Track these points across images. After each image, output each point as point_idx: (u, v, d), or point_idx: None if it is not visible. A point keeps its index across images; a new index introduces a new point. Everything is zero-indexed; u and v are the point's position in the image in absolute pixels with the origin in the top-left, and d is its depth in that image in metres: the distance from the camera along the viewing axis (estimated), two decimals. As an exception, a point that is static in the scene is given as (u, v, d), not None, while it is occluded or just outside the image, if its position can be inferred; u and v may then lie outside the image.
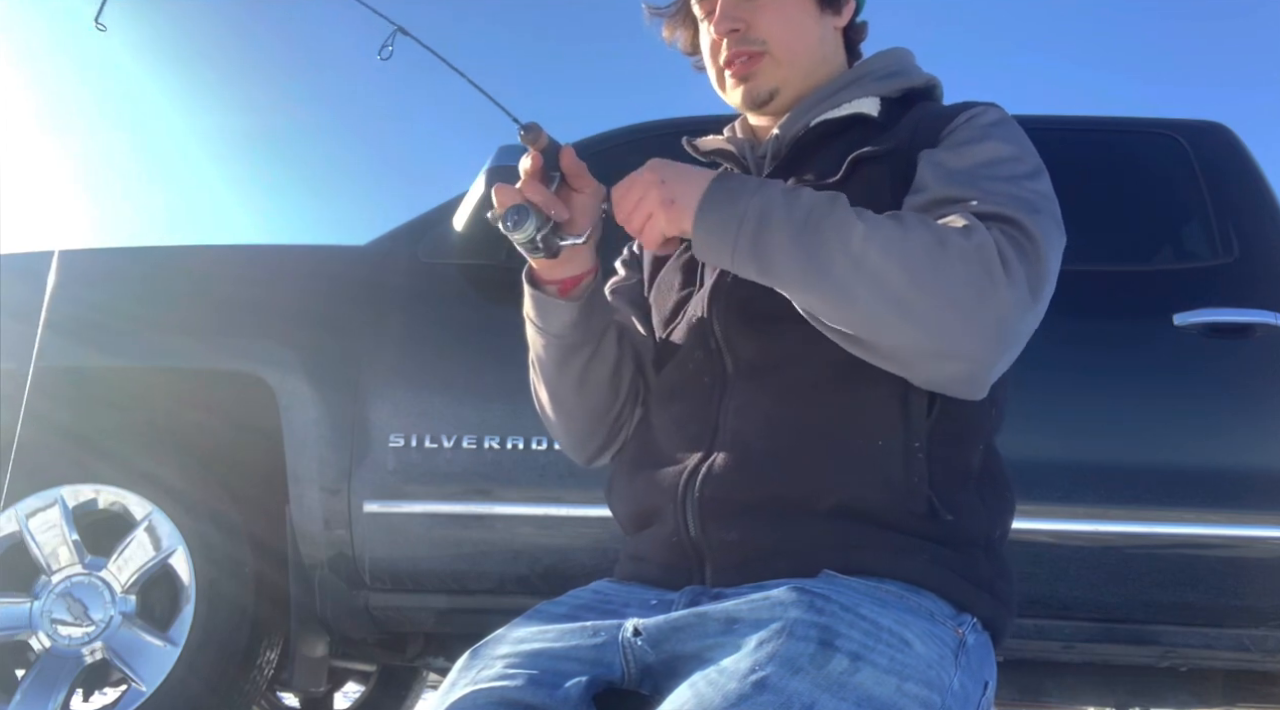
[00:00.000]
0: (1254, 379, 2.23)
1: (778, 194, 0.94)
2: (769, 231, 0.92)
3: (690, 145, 1.23)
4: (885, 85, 1.14)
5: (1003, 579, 1.02)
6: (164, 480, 2.40)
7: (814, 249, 0.91)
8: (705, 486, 0.99)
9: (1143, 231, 2.56)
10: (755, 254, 0.93)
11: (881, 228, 0.91)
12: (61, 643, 2.34)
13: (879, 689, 0.83)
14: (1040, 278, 0.93)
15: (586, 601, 1.03)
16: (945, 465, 0.98)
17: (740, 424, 1.01)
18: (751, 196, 0.94)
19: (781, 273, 0.93)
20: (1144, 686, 2.42)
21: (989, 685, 0.96)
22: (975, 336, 0.90)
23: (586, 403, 1.16)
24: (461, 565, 2.28)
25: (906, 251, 0.89)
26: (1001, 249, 0.90)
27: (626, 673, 0.93)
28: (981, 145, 1.02)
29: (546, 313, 1.12)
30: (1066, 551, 2.18)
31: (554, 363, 1.15)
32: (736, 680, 0.81)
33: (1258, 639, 2.15)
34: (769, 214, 0.93)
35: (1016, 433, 2.22)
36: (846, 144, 1.08)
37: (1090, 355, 2.27)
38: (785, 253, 0.92)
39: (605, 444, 1.19)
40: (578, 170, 1.05)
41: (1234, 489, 2.16)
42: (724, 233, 0.94)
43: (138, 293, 2.51)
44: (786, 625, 0.86)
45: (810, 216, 0.92)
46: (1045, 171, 1.03)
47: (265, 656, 2.44)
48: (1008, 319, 0.90)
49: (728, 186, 0.96)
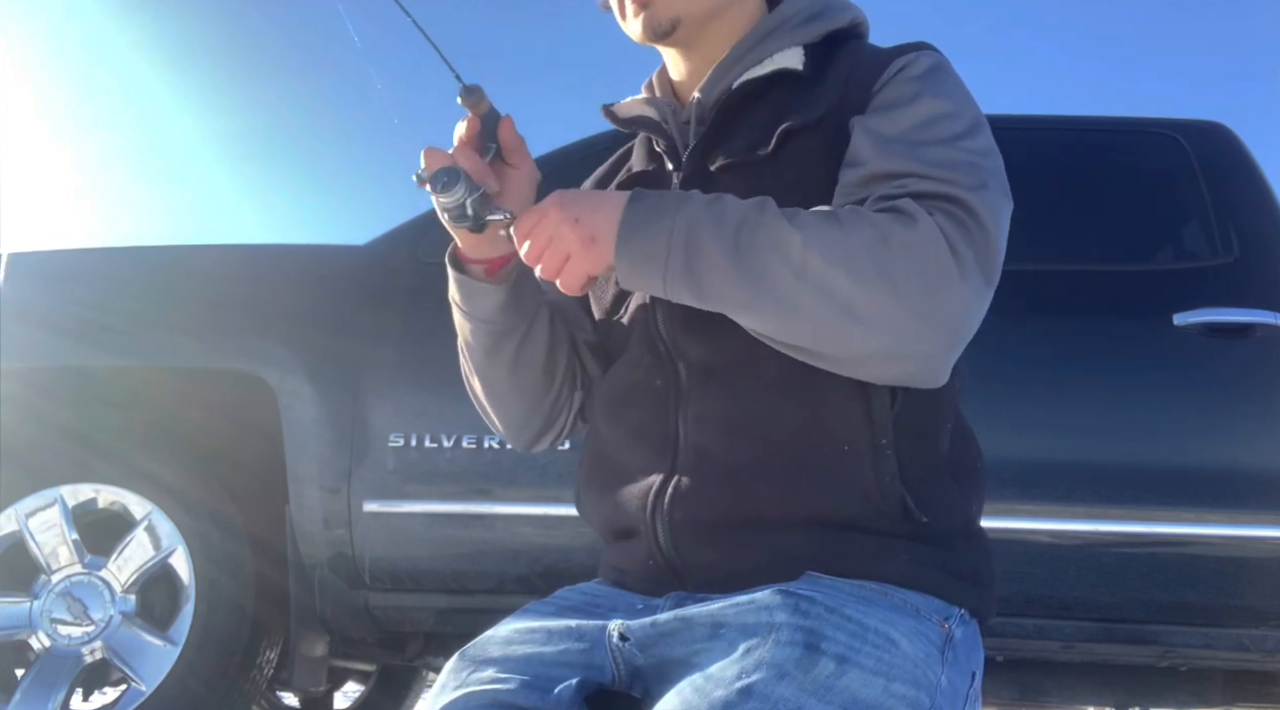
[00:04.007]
0: (1254, 379, 2.23)
1: (701, 211, 0.88)
2: (700, 255, 0.86)
3: (608, 113, 1.13)
4: (808, 31, 1.06)
5: (984, 562, 1.00)
6: (164, 480, 2.40)
7: (751, 266, 0.85)
8: (674, 509, 0.96)
9: (1143, 231, 2.56)
10: (689, 280, 0.87)
11: (820, 232, 0.85)
12: (61, 642, 2.34)
13: (866, 691, 0.82)
14: (991, 264, 0.89)
15: (575, 603, 1.03)
16: (915, 457, 0.95)
17: (700, 436, 0.97)
18: (675, 217, 0.88)
19: (720, 296, 0.88)
20: (1144, 686, 2.42)
21: (976, 675, 0.95)
22: (930, 336, 0.86)
23: (520, 388, 1.12)
24: (461, 565, 2.28)
25: (850, 256, 0.84)
26: (950, 238, 0.85)
27: (617, 675, 0.93)
28: (915, 105, 0.95)
29: (473, 297, 1.07)
30: (1066, 551, 2.18)
31: (484, 349, 1.10)
32: (723, 688, 0.81)
33: (1258, 639, 2.15)
34: (696, 236, 0.86)
35: (1017, 433, 2.26)
36: (773, 105, 1.02)
37: (1090, 355, 2.27)
38: (721, 274, 0.86)
39: (543, 429, 1.16)
40: (515, 144, 0.99)
41: (1234, 489, 2.16)
42: (651, 263, 0.87)
43: (137, 292, 2.51)
44: (772, 630, 0.85)
45: (741, 231, 0.86)
46: (984, 123, 0.97)
47: (265, 656, 2.44)
48: (962, 314, 0.86)
49: (647, 209, 0.89)
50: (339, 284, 2.49)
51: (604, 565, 1.09)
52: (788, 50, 1.04)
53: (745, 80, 1.03)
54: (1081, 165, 2.63)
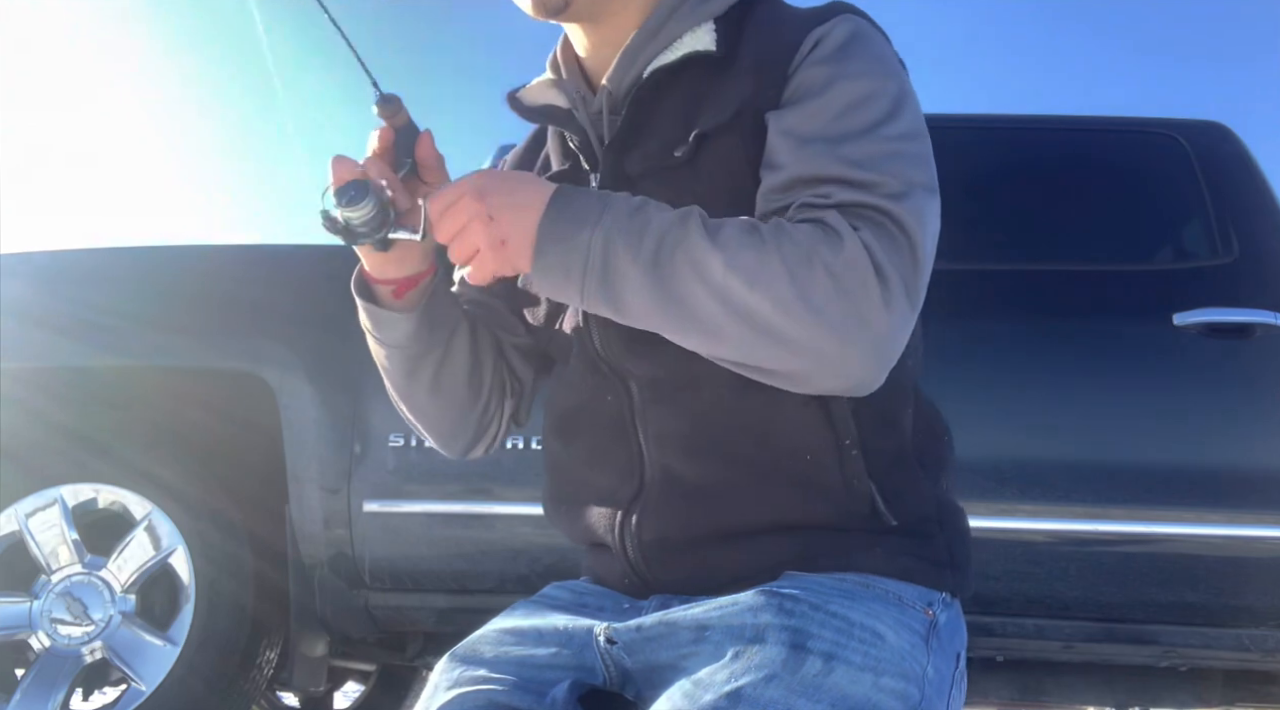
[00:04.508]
0: (1254, 379, 2.23)
1: (623, 222, 0.83)
2: (617, 273, 0.82)
3: (514, 102, 1.06)
4: (719, 4, 0.98)
5: (959, 541, 0.98)
6: (164, 480, 2.40)
7: (671, 288, 0.81)
8: (643, 530, 0.95)
9: (1143, 231, 2.56)
10: (606, 297, 0.83)
11: (742, 252, 0.81)
12: (61, 642, 2.34)
13: (854, 687, 0.82)
14: (918, 282, 0.84)
15: (564, 602, 1.02)
16: (880, 449, 0.93)
17: (663, 454, 0.95)
18: (594, 229, 0.83)
19: (639, 315, 0.84)
20: (1144, 686, 2.42)
21: (960, 656, 0.95)
22: (857, 361, 0.82)
23: (444, 405, 1.08)
24: (461, 565, 2.28)
25: (774, 280, 0.80)
26: (876, 259, 0.81)
27: (608, 677, 0.93)
28: (830, 93, 0.89)
29: (383, 325, 1.01)
30: (1066, 551, 2.18)
31: (401, 373, 1.06)
32: (712, 692, 0.80)
33: (1258, 639, 2.15)
34: (614, 253, 0.82)
35: (1017, 432, 2.25)
36: (688, 92, 0.96)
37: (1090, 355, 2.27)
38: (638, 294, 0.82)
39: (475, 439, 1.12)
40: (433, 161, 0.93)
41: (1234, 489, 2.16)
42: (567, 276, 0.83)
43: (137, 292, 2.51)
44: (758, 631, 0.85)
45: (661, 249, 0.82)
46: (906, 95, 0.91)
47: (265, 656, 2.44)
48: (888, 339, 0.82)
49: (567, 218, 0.84)
50: (339, 284, 2.49)
51: (586, 566, 1.09)
52: (697, 29, 0.97)
53: (656, 68, 0.97)
54: (1082, 165, 2.63)
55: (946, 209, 0.93)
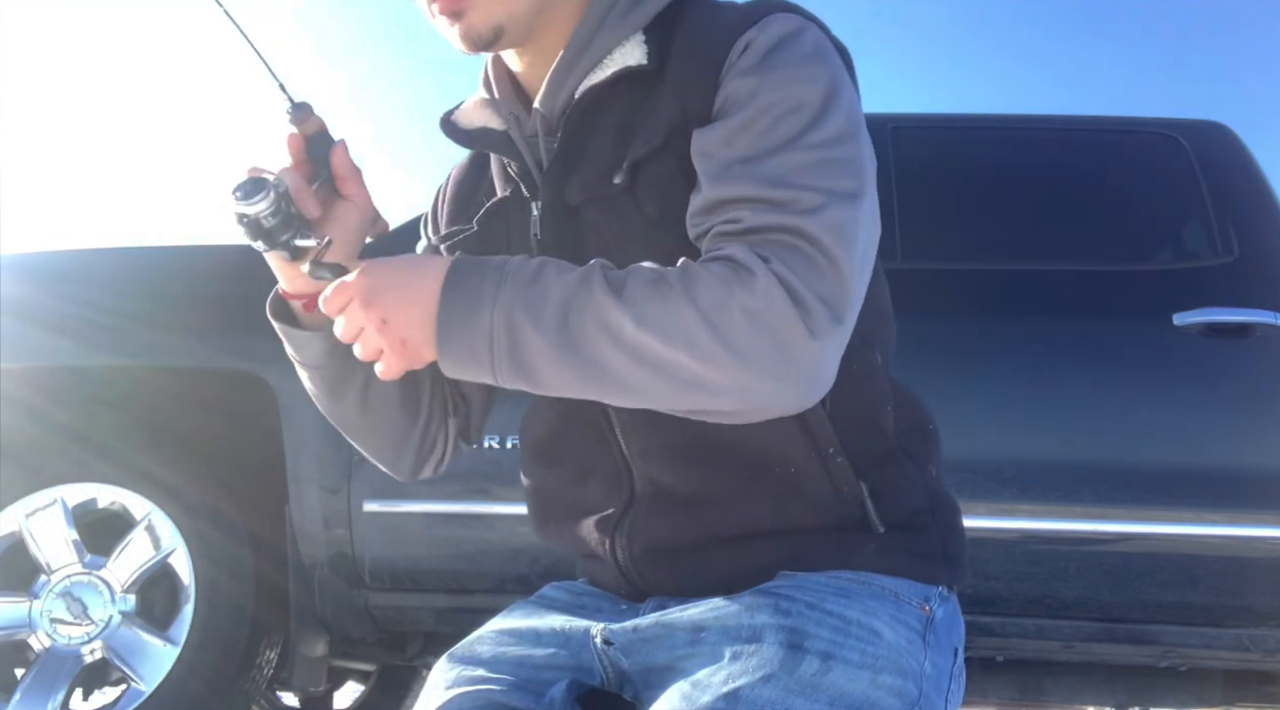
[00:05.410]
0: (1254, 379, 2.23)
1: (522, 291, 0.79)
2: (526, 348, 0.78)
3: (448, 127, 1.02)
4: (642, 11, 0.94)
5: (951, 532, 0.97)
6: (164, 480, 2.40)
7: (585, 356, 0.78)
8: (633, 541, 0.95)
9: (1143, 231, 2.56)
10: (520, 374, 0.80)
11: (652, 306, 0.77)
12: (61, 642, 2.33)
13: (852, 686, 0.82)
14: (844, 301, 0.80)
15: (561, 602, 1.02)
16: (865, 449, 0.92)
17: (648, 468, 0.94)
18: (493, 309, 0.78)
19: (557, 385, 0.80)
20: (1144, 686, 2.42)
21: (958, 650, 0.94)
22: (790, 395, 0.80)
23: (378, 428, 1.05)
24: (461, 565, 2.28)
25: (690, 332, 0.76)
26: (793, 289, 0.77)
27: (606, 678, 0.93)
28: (752, 106, 0.84)
29: (297, 344, 0.98)
30: (1066, 551, 2.18)
31: (325, 395, 1.02)
32: (709, 694, 0.80)
33: (1258, 639, 2.15)
34: (518, 327, 0.78)
35: (1017, 433, 2.25)
36: (623, 111, 0.92)
37: (1090, 355, 2.27)
38: (552, 366, 0.79)
39: (419, 461, 1.09)
40: (347, 172, 0.91)
41: (1234, 489, 2.16)
42: (476, 362, 0.80)
43: (137, 292, 2.51)
44: (755, 631, 0.85)
45: (567, 317, 0.78)
46: (835, 98, 0.85)
47: (265, 656, 2.44)
48: (817, 367, 0.79)
49: (461, 303, 0.79)
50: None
51: (582, 569, 1.08)
52: (627, 43, 0.93)
53: (587, 89, 0.93)
54: (1082, 165, 2.63)
55: (948, 209, 0.92)
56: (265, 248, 0.88)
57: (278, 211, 0.85)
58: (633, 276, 0.80)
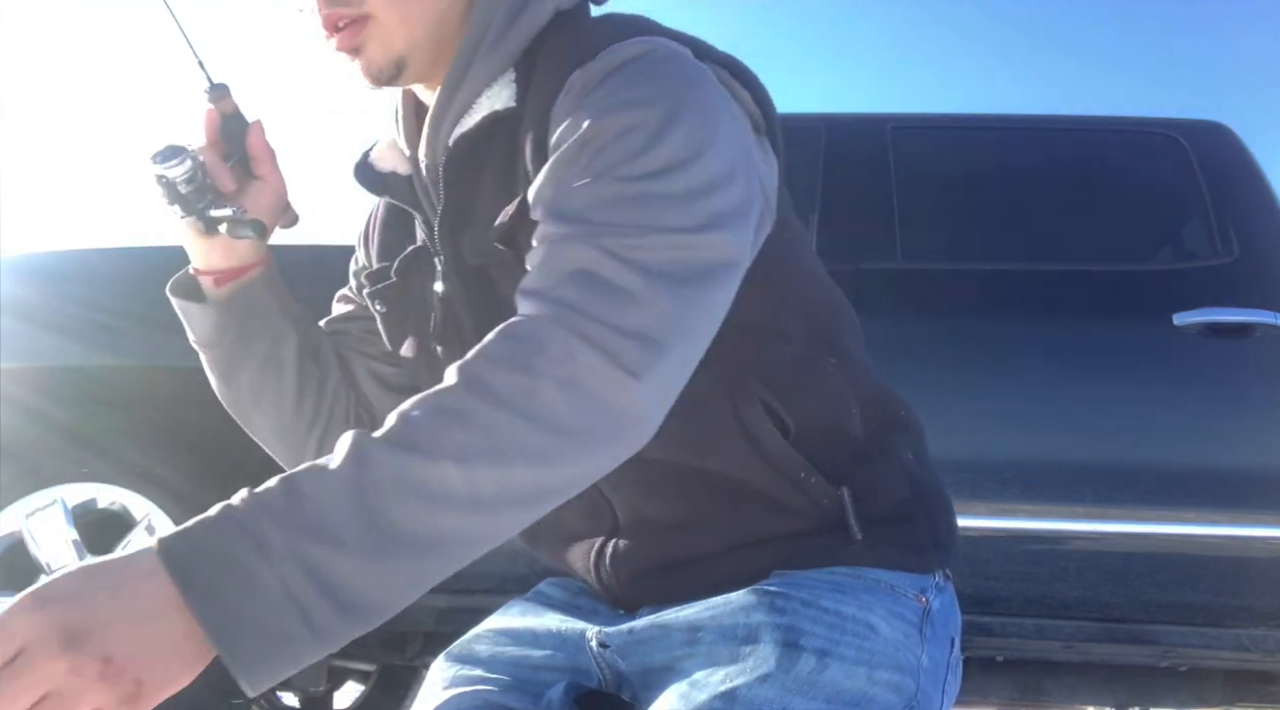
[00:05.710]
0: (1254, 379, 2.23)
1: (284, 517, 0.62)
2: (340, 580, 0.62)
3: (363, 169, 0.97)
4: (511, 47, 0.87)
5: (940, 517, 0.95)
6: (164, 480, 2.40)
7: (413, 542, 0.64)
8: (618, 567, 0.93)
9: (1143, 231, 2.57)
10: (347, 615, 0.62)
11: (459, 437, 0.65)
12: (61, 642, 2.33)
13: (849, 682, 0.81)
14: (661, 324, 0.71)
15: (558, 600, 1.02)
16: (835, 461, 0.90)
17: (625, 500, 0.92)
18: (267, 562, 0.60)
19: (394, 596, 0.65)
20: (1144, 686, 2.42)
21: (955, 641, 0.93)
22: (634, 440, 0.72)
23: (271, 424, 1.01)
24: (461, 565, 2.28)
25: (515, 439, 0.66)
26: (588, 334, 0.69)
27: (603, 680, 0.93)
28: (570, 143, 0.77)
29: (190, 318, 0.97)
30: (1066, 551, 2.18)
31: (216, 378, 1.00)
32: (707, 693, 0.80)
33: (1258, 639, 2.15)
34: (315, 561, 0.61)
35: (1017, 433, 2.25)
36: (500, 160, 0.86)
37: (1090, 355, 2.27)
38: (378, 580, 0.63)
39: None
40: (262, 153, 0.91)
41: (1234, 489, 2.16)
42: (287, 642, 0.61)
43: (137, 292, 2.51)
44: (751, 631, 0.84)
45: (368, 510, 0.63)
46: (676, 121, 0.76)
47: (265, 656, 2.44)
48: (651, 401, 0.72)
49: (221, 583, 0.60)
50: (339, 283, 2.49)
51: None
52: (495, 84, 0.87)
53: (459, 136, 0.87)
54: (1082, 165, 2.63)
55: (948, 209, 0.90)
56: (182, 213, 0.91)
57: (193, 179, 0.88)
58: (408, 423, 0.66)
